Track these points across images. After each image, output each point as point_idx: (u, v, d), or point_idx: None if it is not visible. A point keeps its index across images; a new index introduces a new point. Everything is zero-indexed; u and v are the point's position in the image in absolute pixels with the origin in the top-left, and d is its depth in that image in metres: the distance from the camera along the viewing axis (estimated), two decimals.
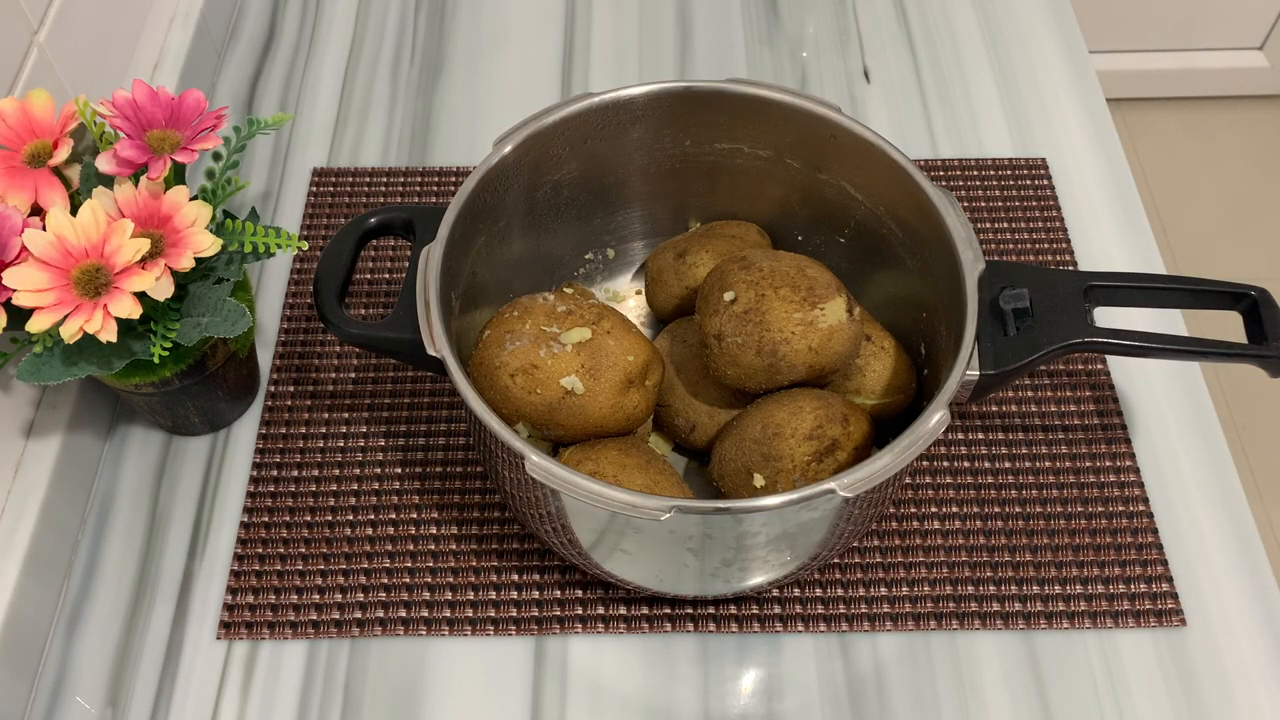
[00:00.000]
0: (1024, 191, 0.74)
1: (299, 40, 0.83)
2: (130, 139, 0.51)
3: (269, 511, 0.60)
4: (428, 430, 0.64)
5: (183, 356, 0.56)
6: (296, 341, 0.67)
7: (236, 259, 0.55)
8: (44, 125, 0.52)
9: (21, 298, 0.48)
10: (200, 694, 0.55)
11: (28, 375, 0.51)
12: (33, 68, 0.59)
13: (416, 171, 0.75)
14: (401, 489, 0.61)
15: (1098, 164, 0.76)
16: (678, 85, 0.59)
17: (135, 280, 0.49)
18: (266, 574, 0.58)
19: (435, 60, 0.82)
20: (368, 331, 0.53)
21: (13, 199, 0.50)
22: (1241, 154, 1.80)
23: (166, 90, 0.54)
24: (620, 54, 0.83)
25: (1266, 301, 0.53)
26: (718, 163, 0.62)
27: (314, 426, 0.64)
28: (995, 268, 0.53)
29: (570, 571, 0.58)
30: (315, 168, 0.75)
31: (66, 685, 0.55)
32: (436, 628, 0.57)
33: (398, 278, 0.70)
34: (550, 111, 0.57)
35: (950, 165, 0.76)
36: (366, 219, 0.56)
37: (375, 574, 0.58)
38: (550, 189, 0.60)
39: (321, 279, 0.54)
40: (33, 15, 0.59)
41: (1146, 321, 0.67)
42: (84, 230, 0.49)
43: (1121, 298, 0.55)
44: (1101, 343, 0.53)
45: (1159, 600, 0.58)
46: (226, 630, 0.57)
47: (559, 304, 0.56)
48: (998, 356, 0.51)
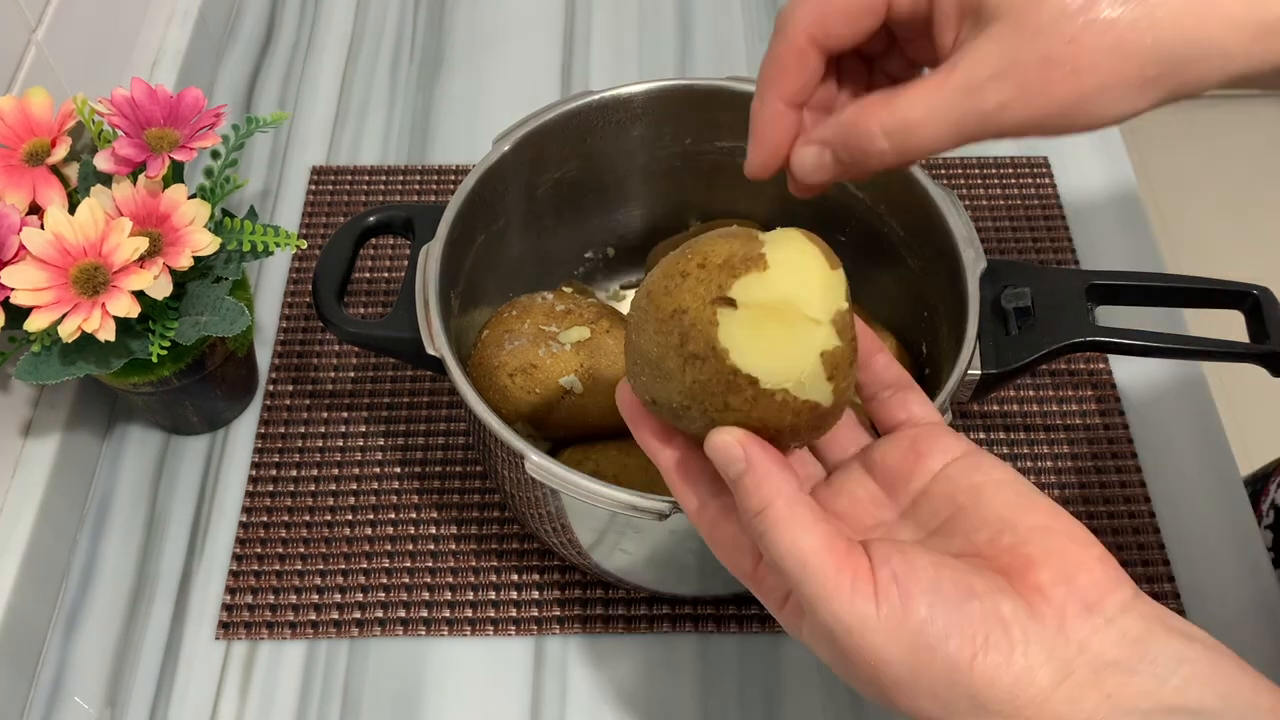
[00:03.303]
0: (1026, 190, 0.74)
1: (298, 38, 0.83)
2: (128, 137, 0.51)
3: (268, 511, 0.60)
4: (427, 430, 0.63)
5: (181, 355, 0.56)
6: (295, 340, 0.67)
7: (235, 258, 0.55)
8: (42, 123, 0.52)
9: (19, 296, 0.47)
10: (199, 694, 0.55)
11: (26, 374, 0.51)
12: (31, 66, 0.59)
13: (415, 170, 0.75)
14: (401, 488, 0.61)
15: (1099, 163, 0.76)
16: (678, 83, 0.58)
17: (133, 279, 0.48)
18: (265, 574, 0.58)
19: (434, 58, 0.82)
20: (367, 330, 0.53)
21: (11, 197, 0.50)
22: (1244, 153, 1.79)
23: (165, 88, 0.53)
24: (620, 52, 0.82)
25: (1269, 301, 0.53)
26: (718, 161, 0.62)
27: (313, 426, 0.63)
28: (997, 267, 0.53)
29: (570, 571, 0.58)
30: (314, 166, 0.75)
31: (65, 685, 0.55)
32: (436, 628, 0.57)
33: (397, 276, 0.70)
34: (550, 110, 0.57)
35: (952, 164, 0.75)
36: (365, 217, 0.56)
37: (374, 574, 0.58)
38: (550, 187, 0.60)
39: (320, 278, 0.54)
40: (31, 13, 0.59)
41: (1148, 321, 0.67)
42: (82, 229, 0.49)
43: (1123, 297, 0.55)
44: (1103, 342, 0.52)
45: (1161, 599, 0.57)
46: (225, 630, 0.57)
47: (558, 303, 0.56)
48: (999, 355, 0.51)
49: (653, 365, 0.34)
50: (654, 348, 0.34)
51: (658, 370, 0.34)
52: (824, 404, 0.33)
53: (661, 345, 0.33)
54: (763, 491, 0.32)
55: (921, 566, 0.31)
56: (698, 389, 0.33)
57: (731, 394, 0.32)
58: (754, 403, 0.32)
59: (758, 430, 0.33)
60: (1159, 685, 0.29)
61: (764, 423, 0.33)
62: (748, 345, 0.32)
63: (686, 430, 0.35)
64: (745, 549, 0.35)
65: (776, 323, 0.32)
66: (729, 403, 0.32)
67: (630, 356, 0.36)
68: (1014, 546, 0.32)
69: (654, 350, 0.34)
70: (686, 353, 0.32)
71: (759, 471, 0.32)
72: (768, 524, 0.32)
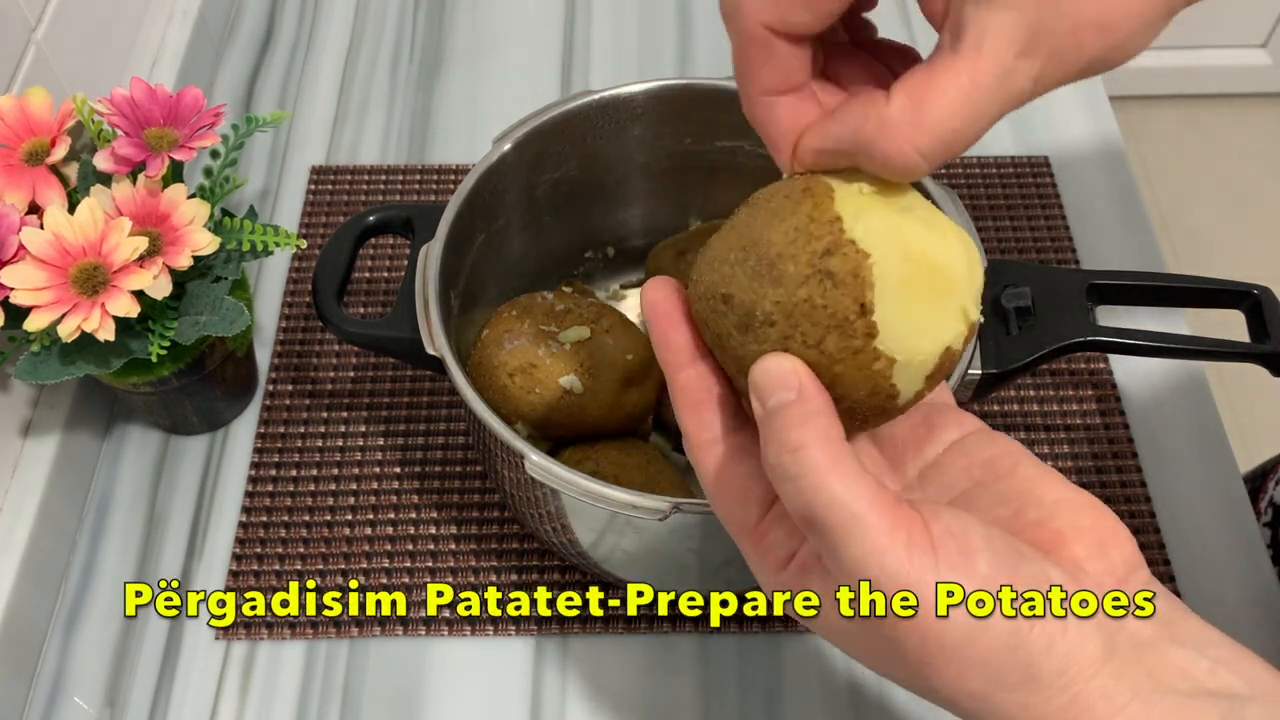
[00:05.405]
0: (1026, 190, 0.74)
1: (297, 37, 0.83)
2: (128, 137, 0.51)
3: (267, 511, 0.60)
4: (427, 429, 0.63)
5: (181, 355, 0.56)
6: (295, 340, 0.67)
7: (235, 257, 0.55)
8: (42, 123, 0.52)
9: (19, 296, 0.47)
10: (199, 694, 0.55)
11: (25, 374, 0.51)
12: (30, 65, 0.59)
13: (415, 169, 0.75)
14: (401, 488, 0.61)
15: (1100, 162, 0.76)
16: (678, 83, 0.58)
17: (133, 279, 0.48)
18: (265, 573, 0.58)
19: (434, 58, 0.82)
20: (366, 330, 0.53)
21: (10, 197, 0.50)
22: (1244, 152, 1.79)
23: (164, 88, 0.53)
24: (620, 51, 0.82)
25: (1269, 300, 0.53)
26: (718, 161, 0.62)
27: (313, 425, 0.63)
28: (997, 266, 0.53)
29: (570, 571, 0.58)
30: (314, 166, 0.75)
31: (64, 685, 0.55)
32: (436, 628, 0.57)
33: (397, 276, 0.70)
34: (550, 109, 0.57)
35: (952, 164, 0.75)
36: (365, 217, 0.56)
37: (374, 574, 0.58)
38: (550, 187, 0.60)
39: (320, 277, 0.54)
40: (30, 13, 0.59)
41: (1149, 320, 0.67)
42: (82, 229, 0.49)
43: (1124, 296, 0.55)
44: (1104, 341, 0.52)
45: None
46: (225, 630, 0.56)
47: (558, 303, 0.56)
48: (1000, 355, 0.51)
49: (763, 258, 0.29)
50: (780, 239, 0.29)
51: (767, 266, 0.29)
52: (902, 399, 0.30)
53: (793, 242, 0.29)
54: (806, 428, 0.28)
55: (973, 526, 0.29)
56: (804, 309, 0.28)
57: (838, 333, 0.28)
58: (851, 356, 0.28)
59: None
60: (1192, 667, 0.29)
61: (834, 383, 0.29)
62: (894, 295, 0.28)
63: (737, 353, 0.30)
64: (753, 499, 0.32)
65: (931, 291, 0.29)
66: (826, 341, 0.28)
67: (730, 240, 0.31)
68: (1041, 521, 0.31)
69: (777, 242, 0.29)
70: (822, 265, 0.28)
71: (810, 405, 0.29)
72: (805, 465, 0.28)
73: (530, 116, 0.57)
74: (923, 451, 0.34)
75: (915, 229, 0.29)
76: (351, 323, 0.53)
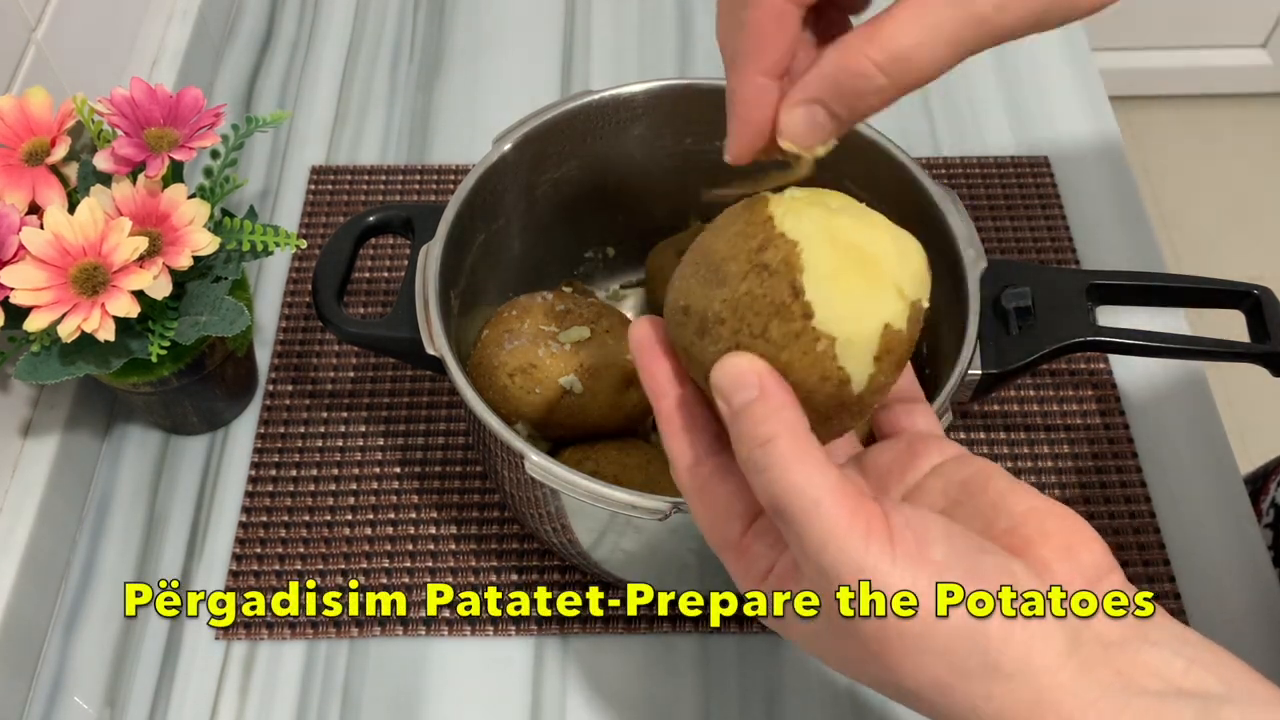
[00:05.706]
0: (1026, 190, 0.74)
1: (297, 37, 0.83)
2: (128, 137, 0.51)
3: (267, 511, 0.60)
4: (427, 430, 0.63)
5: (181, 355, 0.56)
6: (295, 340, 0.67)
7: (235, 257, 0.55)
8: (42, 123, 0.52)
9: (19, 296, 0.47)
10: (199, 694, 0.55)
11: (25, 374, 0.51)
12: (30, 65, 0.59)
13: (415, 170, 0.75)
14: (401, 488, 0.61)
15: (1100, 162, 0.76)
16: (678, 83, 0.58)
17: (133, 279, 0.48)
18: (265, 573, 0.58)
19: (434, 58, 0.82)
20: (366, 330, 0.53)
21: (10, 197, 0.50)
22: (1244, 152, 1.80)
23: (164, 88, 0.53)
24: (620, 51, 0.82)
25: (1269, 301, 0.53)
26: (719, 161, 0.61)
27: (313, 426, 0.63)
28: (997, 266, 0.53)
29: (570, 571, 0.58)
30: (313, 166, 0.75)
31: (64, 685, 0.55)
32: (436, 628, 0.57)
33: (397, 276, 0.70)
34: (550, 109, 0.57)
35: (952, 163, 0.75)
36: (365, 217, 0.56)
37: (374, 574, 0.58)
38: (550, 187, 0.60)
39: (320, 277, 0.54)
40: (30, 13, 0.59)
41: (1149, 321, 0.67)
42: (81, 229, 0.49)
43: (1124, 297, 0.55)
44: (1104, 342, 0.52)
45: (1161, 599, 0.57)
46: (225, 630, 0.56)
47: (558, 303, 0.56)
48: (1000, 355, 0.51)
49: (711, 266, 0.32)
50: (725, 246, 0.32)
51: (714, 272, 0.32)
52: (854, 387, 0.31)
53: (736, 246, 0.32)
54: (771, 423, 0.30)
55: (933, 519, 0.30)
56: (747, 302, 0.31)
57: (778, 318, 0.30)
58: (794, 340, 0.30)
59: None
60: (1166, 667, 0.29)
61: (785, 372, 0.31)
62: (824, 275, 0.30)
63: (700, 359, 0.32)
64: (736, 514, 0.33)
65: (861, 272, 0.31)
66: (769, 329, 0.30)
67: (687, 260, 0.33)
68: (1011, 529, 0.31)
69: (723, 249, 0.32)
70: (758, 260, 0.31)
71: (772, 401, 0.30)
72: (773, 457, 0.29)
73: (530, 116, 0.57)
74: (905, 477, 0.35)
75: (843, 221, 0.32)
76: (351, 323, 0.53)
